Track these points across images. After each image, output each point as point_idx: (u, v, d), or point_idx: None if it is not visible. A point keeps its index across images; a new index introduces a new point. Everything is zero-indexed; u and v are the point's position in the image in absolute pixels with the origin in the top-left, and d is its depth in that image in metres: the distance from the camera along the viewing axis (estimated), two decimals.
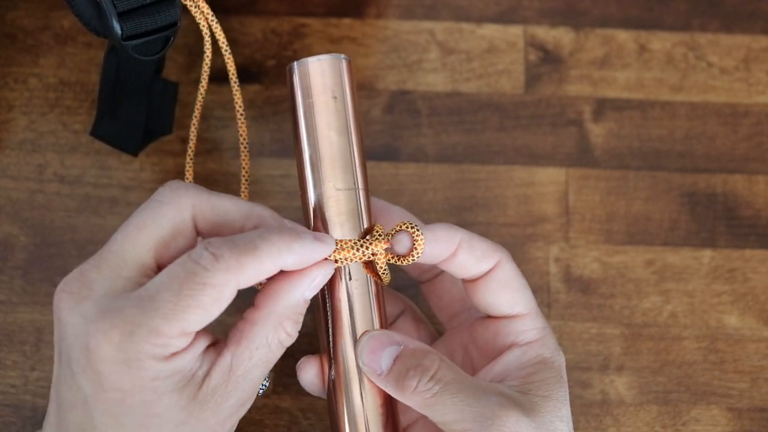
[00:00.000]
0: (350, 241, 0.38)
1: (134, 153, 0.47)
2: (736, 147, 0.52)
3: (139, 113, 0.45)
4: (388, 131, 0.51)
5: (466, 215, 0.50)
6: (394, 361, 0.37)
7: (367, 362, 0.38)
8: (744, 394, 0.47)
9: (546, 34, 0.53)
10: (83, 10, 0.38)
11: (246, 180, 0.45)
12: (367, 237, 0.38)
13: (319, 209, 0.39)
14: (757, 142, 0.52)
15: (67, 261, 0.47)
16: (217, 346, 0.36)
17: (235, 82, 0.44)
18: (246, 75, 0.51)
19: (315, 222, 0.39)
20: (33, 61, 0.51)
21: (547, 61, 0.53)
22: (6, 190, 0.49)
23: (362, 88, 0.52)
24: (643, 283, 0.49)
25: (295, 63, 0.39)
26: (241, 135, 0.45)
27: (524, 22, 0.53)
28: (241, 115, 0.45)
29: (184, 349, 0.34)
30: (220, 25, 0.44)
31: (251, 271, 0.34)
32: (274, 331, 0.36)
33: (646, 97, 0.52)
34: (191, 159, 0.46)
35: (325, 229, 0.38)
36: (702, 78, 0.53)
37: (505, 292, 0.40)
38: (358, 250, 0.37)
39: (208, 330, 0.36)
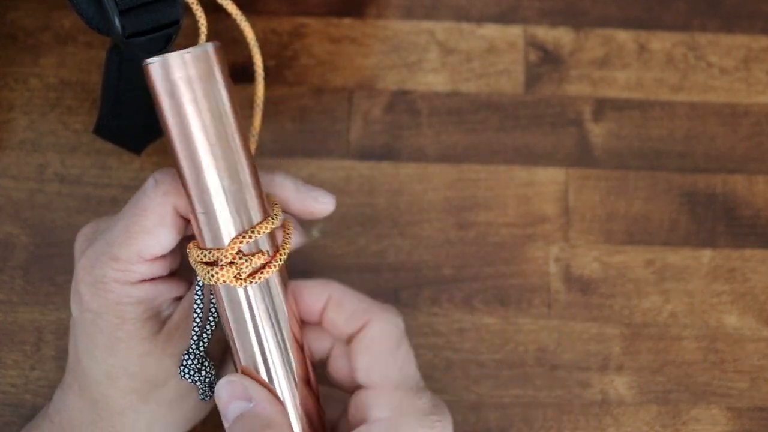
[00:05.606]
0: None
1: (137, 151, 0.47)
2: (736, 147, 0.52)
3: (141, 111, 0.45)
4: (388, 131, 0.51)
5: (466, 215, 0.50)
6: (237, 417, 0.35)
7: (219, 405, 0.36)
8: (744, 393, 0.47)
9: (546, 34, 0.53)
10: (85, 8, 0.38)
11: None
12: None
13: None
14: (756, 142, 0.52)
15: (67, 261, 0.47)
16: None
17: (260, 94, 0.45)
18: (246, 75, 0.51)
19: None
20: (33, 61, 0.51)
21: (547, 61, 0.53)
22: (6, 189, 0.49)
23: (362, 88, 0.52)
24: (642, 283, 0.49)
25: (151, 62, 0.34)
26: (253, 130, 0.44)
27: (524, 22, 0.53)
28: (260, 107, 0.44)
29: (150, 281, 0.37)
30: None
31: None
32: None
33: (646, 97, 0.52)
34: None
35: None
36: (702, 78, 0.53)
37: (363, 357, 0.36)
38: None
39: (188, 283, 0.39)
